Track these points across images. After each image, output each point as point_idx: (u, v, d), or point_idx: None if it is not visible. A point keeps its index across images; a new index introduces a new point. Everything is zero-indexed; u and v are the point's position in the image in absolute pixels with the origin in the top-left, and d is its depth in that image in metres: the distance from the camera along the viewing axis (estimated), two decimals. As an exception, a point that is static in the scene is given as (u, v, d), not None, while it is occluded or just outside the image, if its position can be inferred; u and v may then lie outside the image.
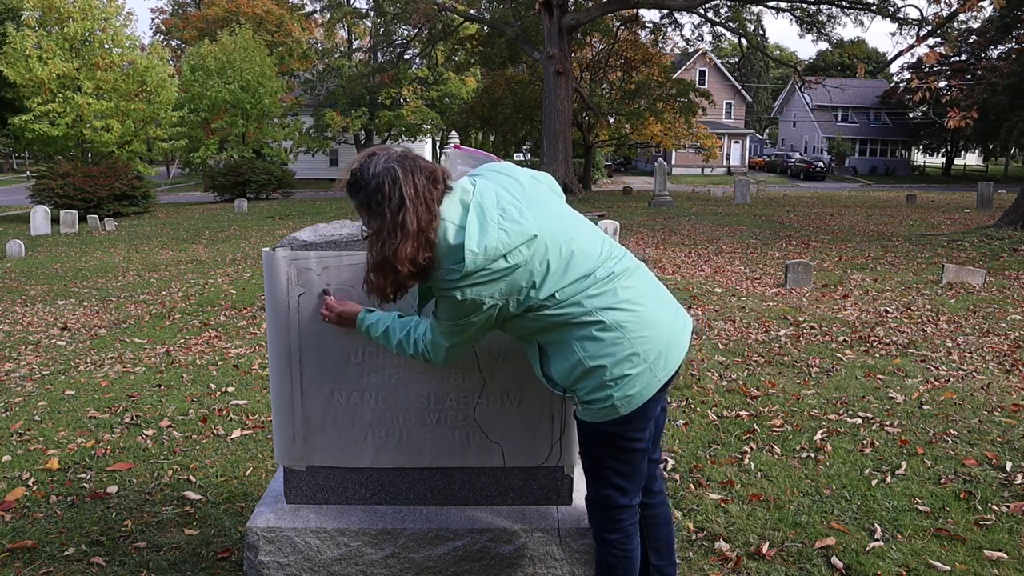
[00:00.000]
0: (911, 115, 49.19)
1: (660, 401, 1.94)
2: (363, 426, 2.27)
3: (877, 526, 2.80)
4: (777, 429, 3.80)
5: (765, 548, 2.65)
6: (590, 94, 30.40)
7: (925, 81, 17.31)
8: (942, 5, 16.92)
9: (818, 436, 3.69)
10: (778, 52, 58.68)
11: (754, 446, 3.59)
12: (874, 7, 21.34)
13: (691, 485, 3.18)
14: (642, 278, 1.91)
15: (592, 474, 1.98)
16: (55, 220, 19.64)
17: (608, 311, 1.80)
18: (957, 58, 42.05)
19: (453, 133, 27.70)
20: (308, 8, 39.29)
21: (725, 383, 4.60)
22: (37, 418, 4.27)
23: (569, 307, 1.80)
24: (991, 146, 48.17)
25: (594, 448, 1.93)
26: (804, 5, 23.68)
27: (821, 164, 44.98)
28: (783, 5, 24.15)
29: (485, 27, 29.05)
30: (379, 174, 1.73)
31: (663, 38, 31.82)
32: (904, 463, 3.33)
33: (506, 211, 1.76)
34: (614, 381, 1.80)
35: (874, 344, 5.56)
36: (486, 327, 1.86)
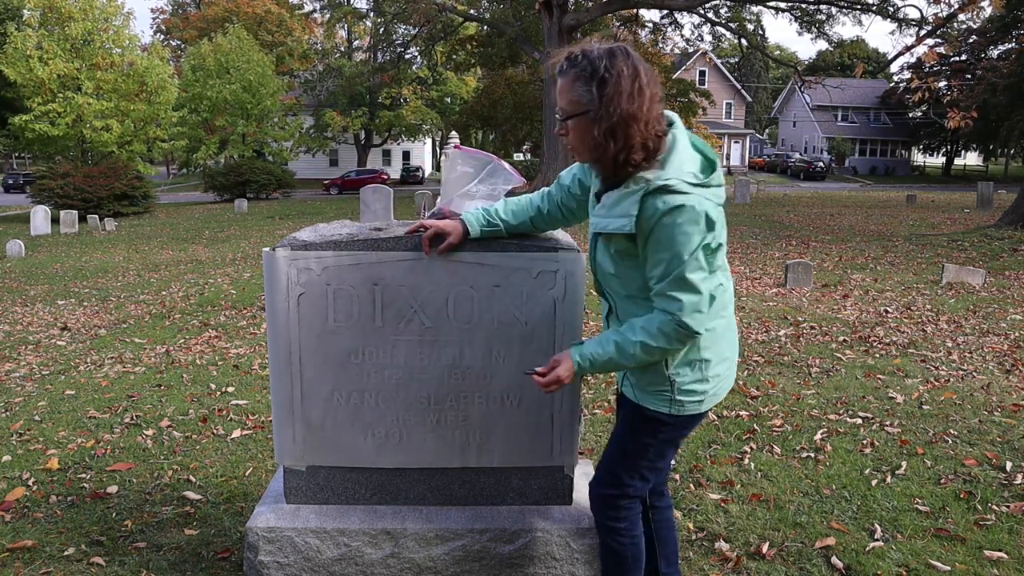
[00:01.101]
0: (911, 115, 49.22)
1: None
2: (363, 426, 2.27)
3: (877, 526, 2.80)
4: (777, 429, 3.80)
5: (765, 548, 2.65)
6: (590, 94, 30.33)
7: (925, 81, 17.27)
8: (942, 5, 16.94)
9: (818, 436, 3.69)
10: (778, 52, 58.72)
11: (754, 446, 3.59)
12: (874, 7, 21.33)
13: (691, 485, 3.18)
14: None
15: (627, 462, 1.92)
16: (55, 220, 19.66)
17: (726, 308, 1.82)
18: (957, 58, 42.04)
19: (453, 133, 27.69)
20: (308, 8, 39.31)
21: (725, 383, 4.60)
22: (37, 418, 4.27)
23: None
24: (991, 146, 48.19)
25: (646, 438, 1.88)
26: (804, 5, 23.67)
27: (821, 164, 45.00)
28: (783, 5, 24.14)
29: (485, 27, 29.06)
30: (613, 48, 1.63)
31: (663, 38, 31.82)
32: (904, 463, 3.33)
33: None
34: (711, 377, 1.81)
35: (874, 344, 5.56)
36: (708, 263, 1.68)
